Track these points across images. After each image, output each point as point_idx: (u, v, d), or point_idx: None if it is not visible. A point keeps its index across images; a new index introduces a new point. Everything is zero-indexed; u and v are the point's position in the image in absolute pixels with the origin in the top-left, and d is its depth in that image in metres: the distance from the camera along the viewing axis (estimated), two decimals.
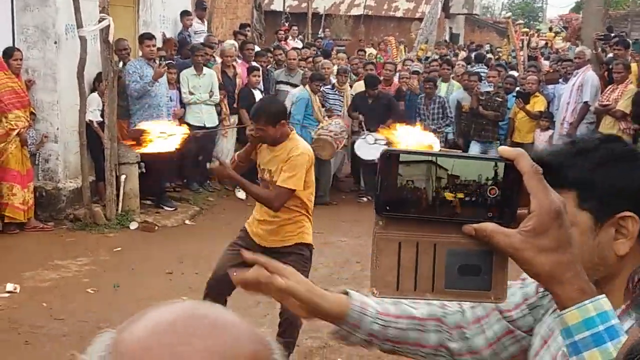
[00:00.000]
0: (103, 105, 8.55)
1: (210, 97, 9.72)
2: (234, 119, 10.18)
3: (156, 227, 8.53)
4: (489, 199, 0.98)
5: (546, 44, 21.36)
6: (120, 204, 8.55)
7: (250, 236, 4.89)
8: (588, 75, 9.73)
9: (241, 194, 10.38)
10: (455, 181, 0.97)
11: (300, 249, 4.90)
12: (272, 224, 4.81)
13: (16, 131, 7.82)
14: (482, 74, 11.43)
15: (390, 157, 0.96)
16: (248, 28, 13.26)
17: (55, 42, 8.18)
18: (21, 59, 7.91)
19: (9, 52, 7.83)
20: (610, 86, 9.51)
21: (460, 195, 0.97)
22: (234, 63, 10.34)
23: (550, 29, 24.83)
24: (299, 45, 14.67)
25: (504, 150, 1.00)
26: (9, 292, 6.22)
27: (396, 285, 1.02)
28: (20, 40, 8.15)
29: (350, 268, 7.44)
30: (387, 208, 0.99)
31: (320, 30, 19.98)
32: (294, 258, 4.67)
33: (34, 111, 8.20)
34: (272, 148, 4.74)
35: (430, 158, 0.96)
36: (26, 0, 8.11)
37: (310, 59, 12.21)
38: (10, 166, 7.80)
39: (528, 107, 10.24)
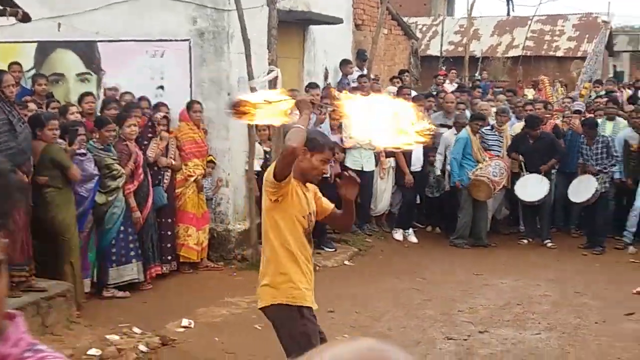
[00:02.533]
0: (265, 153, 9.04)
1: (370, 142, 9.96)
2: (390, 161, 10.38)
3: (317, 268, 8.80)
4: None
5: None
6: None
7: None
8: None
9: (398, 235, 10.52)
10: None
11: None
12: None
13: (193, 178, 8.45)
14: None
15: None
16: (407, 74, 13.50)
17: (229, 94, 8.78)
18: (201, 111, 8.53)
19: (190, 105, 8.52)
20: None
21: None
22: None
23: None
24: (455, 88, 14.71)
25: None
26: (184, 327, 6.64)
27: None
28: (196, 93, 8.82)
29: (511, 310, 7.33)
30: None
31: (477, 72, 19.92)
32: None
33: (214, 160, 8.80)
34: (304, 187, 4.18)
35: None
36: (203, 56, 8.80)
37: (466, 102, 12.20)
38: (187, 209, 8.41)
39: None
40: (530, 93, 16.65)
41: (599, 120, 10.64)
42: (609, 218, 10.28)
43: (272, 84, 8.58)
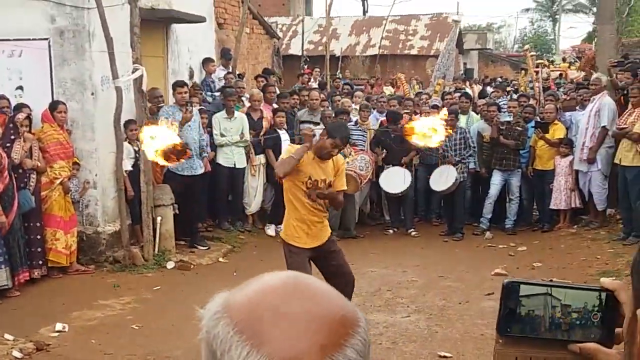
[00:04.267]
0: (135, 153, 8.92)
1: (241, 139, 10.10)
2: (260, 158, 10.53)
3: (192, 266, 8.82)
4: (593, 323, 1.17)
5: (560, 74, 21.62)
6: (157, 245, 8.87)
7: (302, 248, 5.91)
8: (605, 101, 9.96)
9: (271, 231, 10.67)
10: (567, 309, 1.17)
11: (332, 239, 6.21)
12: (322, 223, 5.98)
13: (59, 180, 8.20)
14: (501, 105, 11.71)
15: (513, 287, 1.18)
16: (273, 76, 13.62)
17: (92, 94, 8.59)
18: (65, 112, 8.25)
19: (54, 106, 8.24)
20: (627, 110, 9.74)
21: (570, 320, 1.17)
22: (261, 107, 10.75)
23: (564, 60, 25.11)
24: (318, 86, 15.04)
25: (607, 282, 1.18)
26: (58, 331, 6.48)
27: None
28: (58, 94, 8.55)
29: (381, 296, 7.67)
30: (508, 330, 1.20)
31: (338, 71, 20.44)
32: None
33: (78, 161, 8.58)
34: (320, 161, 5.79)
35: (546, 290, 1.19)
36: (64, 55, 8.54)
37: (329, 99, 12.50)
38: (53, 212, 8.16)
39: (548, 135, 10.49)
40: (388, 90, 17.33)
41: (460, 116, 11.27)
42: (466, 206, 10.96)
43: (137, 82, 8.51)
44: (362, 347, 0.89)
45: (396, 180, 10.47)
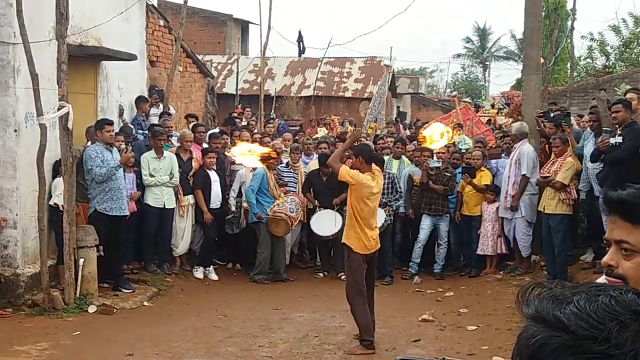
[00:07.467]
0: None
1: (171, 179, 9.96)
2: (189, 199, 10.37)
3: (115, 310, 8.56)
4: None
5: (489, 120, 22.11)
6: (79, 288, 8.58)
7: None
8: (524, 149, 10.20)
9: (199, 274, 10.49)
10: None
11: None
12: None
13: None
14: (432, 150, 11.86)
15: None
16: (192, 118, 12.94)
17: (15, 130, 8.34)
18: None
19: None
20: (550, 159, 9.99)
21: None
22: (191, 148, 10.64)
23: (493, 106, 25.72)
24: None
25: None
26: None
27: None
28: None
29: (308, 342, 7.56)
30: None
31: (272, 111, 20.48)
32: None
33: None
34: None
35: None
36: None
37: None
38: None
39: (475, 181, 10.67)
40: (322, 132, 17.43)
41: (386, 158, 11.36)
42: (396, 250, 10.99)
43: (63, 119, 8.30)
44: None
45: (327, 223, 10.46)
